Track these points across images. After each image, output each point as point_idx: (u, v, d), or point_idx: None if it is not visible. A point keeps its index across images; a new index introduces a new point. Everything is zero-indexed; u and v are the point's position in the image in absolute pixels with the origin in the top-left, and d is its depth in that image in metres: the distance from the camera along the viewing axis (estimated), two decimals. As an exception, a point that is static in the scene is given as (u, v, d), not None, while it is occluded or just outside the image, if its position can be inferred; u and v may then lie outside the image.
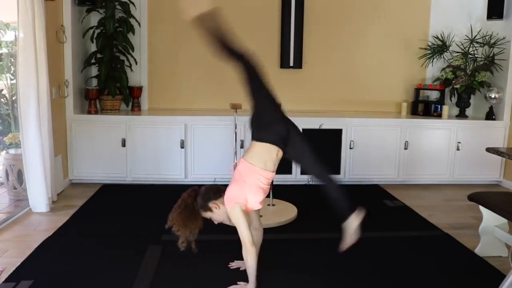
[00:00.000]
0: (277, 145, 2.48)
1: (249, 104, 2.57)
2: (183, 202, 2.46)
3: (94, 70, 4.94)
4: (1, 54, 4.87)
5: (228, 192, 2.47)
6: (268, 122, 2.51)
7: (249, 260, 2.41)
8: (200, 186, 2.55)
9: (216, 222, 2.57)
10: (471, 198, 3.06)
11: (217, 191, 2.51)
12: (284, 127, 2.51)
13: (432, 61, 5.24)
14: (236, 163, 2.50)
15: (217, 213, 2.49)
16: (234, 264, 2.79)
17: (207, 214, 2.51)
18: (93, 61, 4.77)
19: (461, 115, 5.14)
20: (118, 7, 4.71)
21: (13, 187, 4.18)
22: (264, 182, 2.47)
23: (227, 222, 2.53)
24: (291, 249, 3.12)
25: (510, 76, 4.87)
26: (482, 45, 5.07)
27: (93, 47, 4.83)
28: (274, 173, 2.53)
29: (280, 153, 2.52)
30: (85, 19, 4.74)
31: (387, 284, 2.65)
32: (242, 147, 4.61)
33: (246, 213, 2.47)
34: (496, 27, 4.98)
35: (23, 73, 3.57)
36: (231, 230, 3.44)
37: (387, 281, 2.68)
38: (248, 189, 2.43)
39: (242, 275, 2.67)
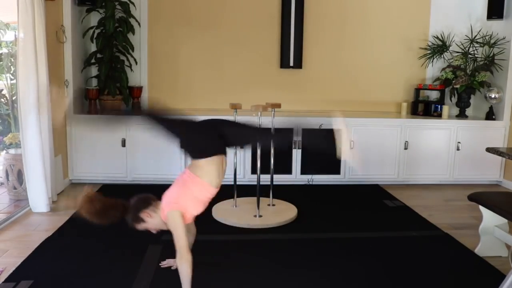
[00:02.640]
0: (221, 152, 2.45)
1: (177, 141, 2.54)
2: (105, 207, 2.41)
3: (94, 70, 4.94)
4: (1, 54, 4.87)
5: (169, 195, 2.42)
6: (201, 138, 2.48)
7: (185, 268, 2.28)
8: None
9: (154, 231, 2.50)
10: (471, 198, 3.06)
11: (147, 199, 2.45)
12: (214, 132, 2.47)
13: (432, 61, 5.25)
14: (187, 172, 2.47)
15: (151, 221, 2.43)
16: (165, 263, 2.74)
17: (141, 226, 2.45)
18: (93, 61, 4.77)
19: (461, 115, 5.14)
20: (118, 7, 4.71)
21: (13, 187, 4.18)
22: (206, 197, 2.43)
23: (164, 227, 2.45)
24: (291, 249, 3.12)
25: (510, 76, 4.87)
26: (482, 45, 5.07)
27: (93, 47, 4.84)
28: (218, 189, 2.47)
29: (225, 163, 2.49)
30: (85, 19, 4.74)
31: (387, 284, 2.65)
32: (242, 146, 4.61)
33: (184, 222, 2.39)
34: (496, 27, 4.98)
35: (23, 73, 3.57)
36: (232, 231, 3.45)
37: (387, 281, 2.68)
38: (190, 199, 2.38)
39: (237, 273, 2.67)
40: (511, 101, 4.90)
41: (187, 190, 2.40)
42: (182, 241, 2.30)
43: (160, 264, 2.76)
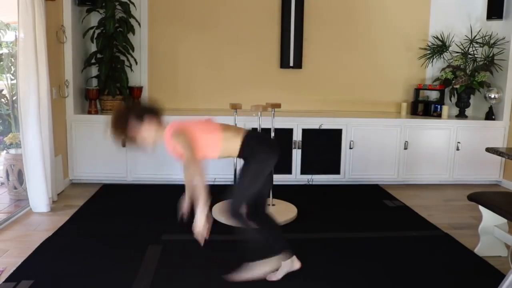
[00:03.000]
0: (240, 155, 2.44)
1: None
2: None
3: (94, 70, 4.94)
4: (1, 54, 4.88)
5: (185, 121, 2.38)
6: (263, 147, 2.47)
7: (197, 178, 2.21)
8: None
9: (135, 141, 2.34)
10: (471, 198, 3.07)
11: (159, 111, 2.38)
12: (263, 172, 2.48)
13: (432, 61, 5.25)
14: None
15: (147, 130, 2.31)
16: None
17: (136, 131, 2.30)
18: (93, 61, 4.78)
19: (461, 115, 5.14)
20: (118, 7, 4.71)
21: (13, 187, 4.18)
22: (209, 153, 2.39)
23: (149, 144, 2.35)
24: (291, 249, 3.12)
25: (510, 76, 4.87)
26: (482, 45, 5.07)
27: (93, 47, 4.84)
28: (214, 158, 2.45)
29: (234, 156, 2.48)
30: (85, 19, 4.74)
31: (387, 284, 2.65)
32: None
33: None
34: (496, 27, 4.99)
35: (23, 73, 3.57)
36: (232, 231, 3.45)
37: (387, 281, 2.68)
38: (203, 139, 2.34)
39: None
40: (510, 101, 4.90)
41: (205, 132, 2.38)
42: (191, 154, 2.24)
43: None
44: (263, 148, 2.47)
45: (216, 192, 3.91)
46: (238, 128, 2.53)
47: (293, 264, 2.64)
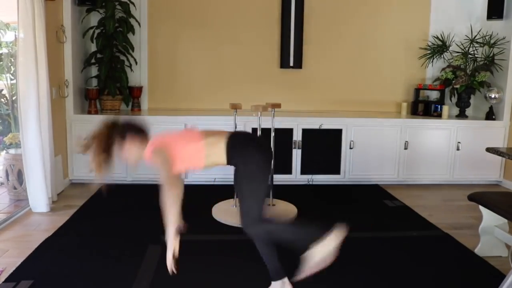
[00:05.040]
0: (228, 161, 2.35)
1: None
2: (105, 129, 2.34)
3: (94, 70, 4.94)
4: (1, 54, 4.87)
5: (163, 135, 2.35)
6: (252, 147, 2.37)
7: (167, 199, 2.19)
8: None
9: (119, 158, 2.35)
10: (471, 198, 3.06)
11: (141, 129, 2.34)
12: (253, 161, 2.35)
13: (432, 61, 5.25)
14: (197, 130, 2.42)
15: (130, 149, 2.31)
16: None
17: (120, 147, 2.32)
18: (93, 61, 4.78)
19: (461, 115, 5.14)
20: (118, 7, 4.71)
21: (13, 187, 4.18)
22: (193, 164, 2.34)
23: (132, 162, 2.36)
24: (291, 249, 3.11)
25: (510, 76, 4.87)
26: (482, 45, 5.07)
27: (93, 47, 4.84)
28: (200, 169, 2.41)
29: (222, 164, 2.39)
30: (85, 19, 4.74)
31: (387, 284, 2.65)
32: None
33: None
34: (496, 27, 4.98)
35: (23, 73, 3.57)
36: (232, 231, 3.45)
37: (387, 281, 2.68)
38: (183, 151, 2.29)
39: (237, 273, 2.67)
40: (511, 101, 4.90)
41: (185, 144, 2.32)
42: (168, 174, 2.23)
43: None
44: (250, 149, 2.35)
45: (216, 192, 3.91)
46: (221, 132, 2.42)
47: (284, 286, 2.50)
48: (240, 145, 2.35)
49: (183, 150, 2.31)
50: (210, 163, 2.37)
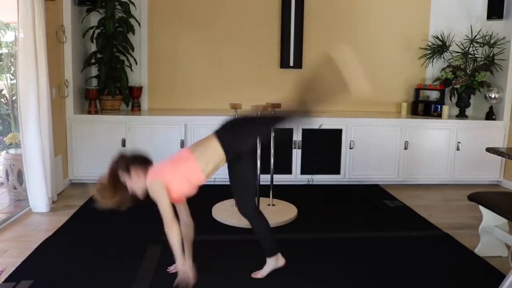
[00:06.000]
0: (226, 156, 2.45)
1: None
2: (113, 169, 2.43)
3: (94, 70, 4.94)
4: (1, 54, 4.87)
5: (158, 165, 2.44)
6: (246, 132, 2.57)
7: (172, 236, 2.34)
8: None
9: (129, 192, 2.46)
10: (471, 198, 3.06)
11: (145, 161, 2.45)
12: (246, 148, 2.56)
13: (432, 61, 5.25)
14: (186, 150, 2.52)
15: (135, 181, 2.40)
16: (172, 268, 2.67)
17: (125, 177, 2.42)
18: (93, 61, 4.77)
19: (461, 115, 5.14)
20: (118, 7, 4.71)
21: (13, 187, 4.18)
22: (194, 179, 2.41)
23: (141, 196, 2.45)
24: (291, 249, 3.12)
25: (510, 76, 4.87)
26: (482, 45, 5.07)
27: (93, 47, 4.84)
28: (205, 180, 2.48)
29: (222, 164, 2.50)
30: (85, 19, 4.74)
31: (386, 284, 2.65)
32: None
33: (171, 200, 2.40)
34: (496, 27, 4.98)
35: (23, 73, 3.57)
36: (233, 231, 3.45)
37: (387, 281, 2.68)
38: (177, 174, 2.38)
39: (237, 273, 2.67)
40: (511, 101, 4.90)
41: (176, 166, 2.41)
42: (165, 209, 2.34)
43: (167, 270, 2.70)
44: (239, 130, 2.58)
45: (216, 192, 3.91)
46: (206, 137, 2.51)
47: (278, 261, 2.66)
48: (230, 132, 2.53)
49: (179, 174, 2.39)
50: (211, 169, 2.45)
